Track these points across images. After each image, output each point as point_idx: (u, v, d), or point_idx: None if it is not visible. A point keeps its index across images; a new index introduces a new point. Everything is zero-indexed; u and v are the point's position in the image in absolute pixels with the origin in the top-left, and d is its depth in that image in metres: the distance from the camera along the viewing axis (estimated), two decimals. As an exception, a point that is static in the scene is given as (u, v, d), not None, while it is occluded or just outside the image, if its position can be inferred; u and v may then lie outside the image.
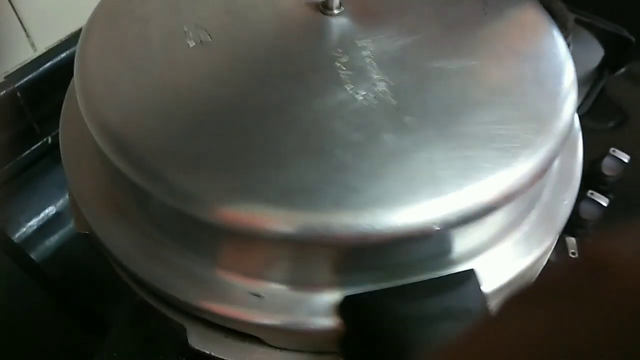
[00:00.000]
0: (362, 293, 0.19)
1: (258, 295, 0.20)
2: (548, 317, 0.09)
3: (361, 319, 0.19)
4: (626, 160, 0.37)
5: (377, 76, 0.22)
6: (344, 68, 0.22)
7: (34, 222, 0.36)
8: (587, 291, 0.09)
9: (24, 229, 0.36)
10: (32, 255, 0.35)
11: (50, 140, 0.36)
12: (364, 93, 0.21)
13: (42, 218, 0.37)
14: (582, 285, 0.10)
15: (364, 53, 0.23)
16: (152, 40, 0.23)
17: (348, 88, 0.22)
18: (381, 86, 0.22)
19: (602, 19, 0.43)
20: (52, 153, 0.37)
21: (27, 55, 0.35)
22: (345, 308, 0.19)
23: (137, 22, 0.24)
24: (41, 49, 0.36)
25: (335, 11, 0.24)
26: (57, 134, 0.25)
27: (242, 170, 0.19)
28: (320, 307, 0.20)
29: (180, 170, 0.19)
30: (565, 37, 0.42)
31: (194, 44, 0.23)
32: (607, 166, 0.36)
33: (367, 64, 0.23)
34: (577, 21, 0.42)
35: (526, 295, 0.10)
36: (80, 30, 0.24)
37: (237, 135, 0.20)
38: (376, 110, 0.21)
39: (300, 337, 0.20)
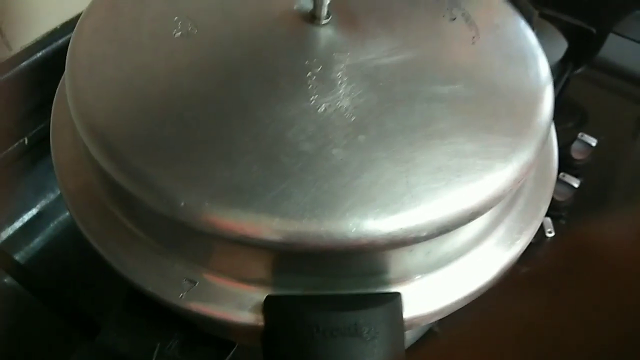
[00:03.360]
0: (284, 295, 0.20)
1: (192, 282, 0.21)
2: (537, 301, 0.10)
3: (275, 320, 0.20)
4: (594, 144, 0.40)
5: (344, 91, 0.23)
6: (315, 78, 0.23)
7: (16, 224, 0.36)
8: (574, 274, 0.10)
9: (6, 231, 0.36)
10: (17, 257, 0.35)
11: (26, 141, 0.35)
12: (327, 105, 0.22)
13: (24, 220, 0.37)
14: (569, 268, 0.10)
15: (339, 67, 0.24)
16: (144, 25, 0.24)
17: (312, 99, 0.22)
18: (345, 102, 0.22)
19: (566, 13, 0.47)
20: (30, 154, 0.36)
21: (2, 54, 0.34)
22: (266, 307, 0.20)
23: (134, 5, 0.25)
24: (16, 48, 0.35)
25: (323, 21, 0.25)
26: (34, 134, 0.26)
27: (193, 163, 0.20)
28: (248, 303, 0.21)
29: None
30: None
31: (180, 34, 0.24)
32: (577, 149, 0.40)
33: (338, 78, 0.23)
34: (542, 15, 0.45)
35: (515, 280, 0.11)
36: (56, 29, 0.25)
37: (194, 132, 0.21)
38: (333, 124, 0.21)
39: (226, 328, 0.22)
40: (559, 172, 0.37)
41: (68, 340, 0.32)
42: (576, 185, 0.38)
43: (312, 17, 0.25)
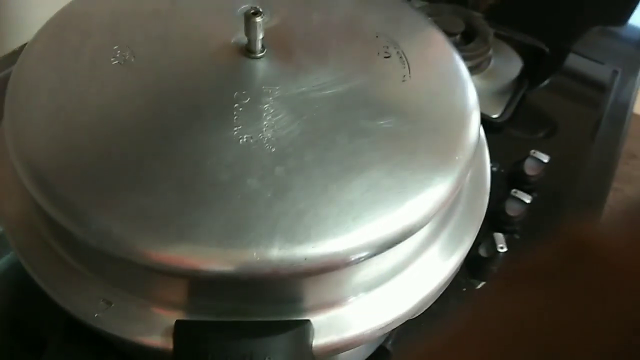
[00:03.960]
0: (191, 320, 0.21)
1: (108, 302, 0.22)
2: (533, 298, 0.10)
3: (179, 345, 0.20)
4: (546, 161, 0.41)
5: (268, 123, 0.23)
6: (241, 109, 0.24)
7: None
8: (570, 272, 0.10)
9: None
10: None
11: None
12: (248, 136, 0.23)
13: None
14: (565, 266, 0.10)
15: (267, 99, 0.24)
16: (84, 53, 0.25)
17: (236, 129, 0.23)
18: (268, 133, 0.23)
19: (520, 32, 0.49)
20: None
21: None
22: (175, 331, 0.21)
23: (78, 34, 0.26)
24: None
25: (258, 55, 0.26)
26: None
27: (110, 190, 0.21)
28: (160, 326, 0.22)
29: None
30: (487, 51, 0.45)
31: (117, 62, 0.25)
32: (529, 166, 0.40)
33: (265, 110, 0.24)
34: (497, 35, 0.47)
35: (512, 277, 0.11)
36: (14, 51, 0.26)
37: (115, 160, 0.22)
38: (252, 155, 0.22)
39: (139, 350, 0.22)
40: (511, 188, 0.40)
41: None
42: (528, 201, 0.39)
43: (247, 51, 0.26)
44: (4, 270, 0.35)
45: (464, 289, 0.37)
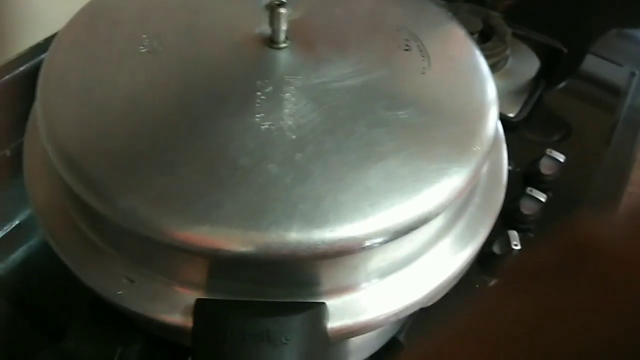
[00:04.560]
0: (211, 299, 0.21)
1: (131, 280, 0.23)
2: (543, 297, 0.10)
3: (199, 322, 0.21)
4: (562, 160, 0.41)
5: (289, 111, 0.24)
6: (264, 98, 0.25)
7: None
8: (574, 271, 0.10)
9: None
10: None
11: (8, 153, 0.36)
12: (270, 123, 0.23)
13: (5, 231, 0.36)
14: (569, 265, 0.10)
15: (289, 88, 0.25)
16: (114, 42, 0.26)
17: (258, 116, 0.24)
18: (288, 121, 0.24)
19: (537, 32, 0.49)
20: (11, 166, 0.35)
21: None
22: (195, 309, 0.21)
23: (108, 24, 0.27)
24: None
25: (281, 45, 0.27)
26: (16, 146, 0.28)
27: (136, 172, 0.22)
28: (180, 304, 0.22)
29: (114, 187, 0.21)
30: (504, 50, 0.45)
31: (146, 50, 0.26)
32: (545, 165, 0.40)
33: (286, 99, 0.25)
34: (515, 35, 0.47)
35: (522, 275, 0.11)
36: (39, 43, 0.26)
37: (142, 144, 0.22)
38: (273, 142, 0.23)
39: (160, 327, 0.23)
40: (526, 186, 0.40)
41: (35, 346, 0.33)
42: (543, 200, 0.39)
43: (270, 41, 0.27)
44: (23, 258, 0.36)
45: (477, 286, 0.38)
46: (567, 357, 0.09)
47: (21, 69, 0.36)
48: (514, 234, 0.37)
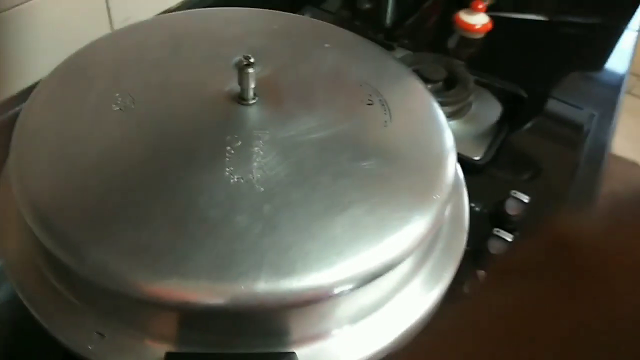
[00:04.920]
0: (180, 353, 0.22)
1: (101, 334, 0.23)
2: (521, 292, 0.10)
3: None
4: (526, 201, 0.42)
5: (258, 164, 0.25)
6: (233, 152, 0.26)
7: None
8: (552, 265, 0.10)
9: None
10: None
11: None
12: (239, 176, 0.24)
13: None
14: (547, 260, 0.10)
15: (257, 142, 0.26)
16: (88, 99, 0.28)
17: (227, 170, 0.25)
18: (257, 174, 0.25)
19: (499, 79, 0.52)
20: None
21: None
22: (165, 363, 0.22)
23: (83, 81, 0.29)
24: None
25: (250, 102, 0.28)
26: None
27: (106, 227, 0.22)
28: (150, 357, 0.22)
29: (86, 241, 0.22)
30: (468, 96, 0.47)
31: (118, 108, 0.27)
32: (510, 206, 0.42)
33: (255, 152, 0.26)
34: (477, 82, 0.49)
35: (499, 273, 0.12)
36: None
37: (112, 199, 0.23)
38: (242, 194, 0.24)
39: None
40: (493, 227, 0.41)
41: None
42: (510, 240, 0.40)
43: (240, 98, 0.28)
44: None
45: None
46: (550, 349, 0.09)
47: (5, 115, 0.37)
48: (482, 274, 0.38)
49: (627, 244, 0.10)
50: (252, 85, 0.27)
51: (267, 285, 0.21)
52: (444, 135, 0.29)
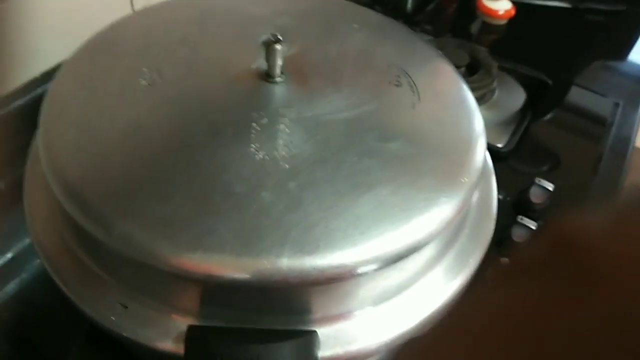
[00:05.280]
0: (202, 326, 0.22)
1: (124, 306, 0.23)
2: (523, 292, 0.10)
3: (190, 349, 0.21)
4: (551, 189, 0.42)
5: (283, 142, 0.25)
6: (258, 129, 0.25)
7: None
8: (555, 267, 0.10)
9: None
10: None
11: (2, 185, 0.37)
12: (264, 153, 0.24)
13: None
14: (550, 261, 0.10)
15: (284, 120, 0.26)
16: (114, 73, 0.27)
17: (253, 146, 0.25)
18: (282, 151, 0.25)
19: (523, 65, 0.51)
20: (5, 198, 0.37)
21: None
22: (187, 336, 0.22)
23: (110, 56, 0.28)
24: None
25: (277, 79, 0.28)
26: (10, 179, 0.28)
27: (132, 199, 0.22)
28: (173, 331, 0.22)
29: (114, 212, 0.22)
30: (491, 83, 0.46)
31: (145, 83, 0.27)
32: (534, 194, 0.42)
33: (281, 130, 0.26)
34: (501, 68, 0.48)
35: (503, 273, 0.12)
36: (35, 78, 0.27)
37: (139, 172, 0.23)
38: (267, 170, 0.24)
39: (152, 354, 0.23)
40: (517, 215, 0.41)
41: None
42: (534, 228, 0.40)
43: (266, 76, 0.28)
44: (14, 293, 0.36)
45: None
46: (553, 349, 0.09)
47: (17, 103, 0.37)
48: (505, 262, 0.38)
49: (638, 244, 0.10)
50: (280, 63, 0.27)
51: (290, 262, 0.21)
52: (474, 119, 0.28)
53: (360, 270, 0.22)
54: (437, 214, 0.24)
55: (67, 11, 0.40)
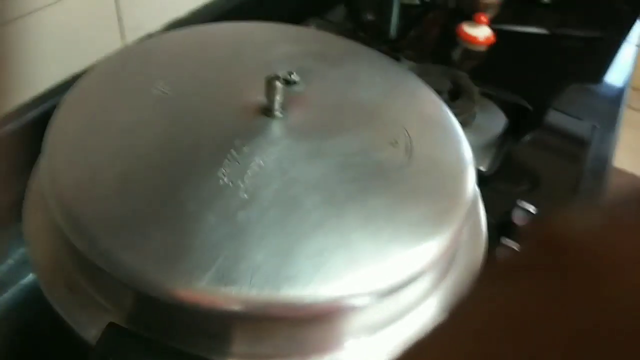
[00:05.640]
0: (122, 327, 0.22)
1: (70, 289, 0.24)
2: (520, 292, 0.10)
3: (101, 341, 0.21)
4: (532, 211, 0.42)
5: (252, 174, 0.25)
6: (236, 156, 0.26)
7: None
8: (549, 266, 0.10)
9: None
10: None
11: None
12: (229, 180, 0.25)
13: None
14: (543, 260, 0.11)
15: (264, 153, 0.26)
16: (126, 83, 0.29)
17: (222, 170, 0.25)
18: (248, 182, 0.25)
19: (503, 91, 0.52)
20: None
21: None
22: (104, 329, 0.22)
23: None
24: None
25: (278, 114, 0.28)
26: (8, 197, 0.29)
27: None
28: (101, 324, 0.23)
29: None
30: (472, 107, 0.47)
31: (156, 92, 0.29)
32: (517, 216, 0.42)
33: (256, 162, 0.26)
34: (483, 93, 0.49)
35: (494, 273, 0.12)
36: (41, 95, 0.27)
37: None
38: (225, 196, 0.24)
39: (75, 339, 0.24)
40: (500, 237, 0.41)
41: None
42: (517, 249, 0.40)
43: (266, 110, 0.28)
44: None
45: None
46: (551, 350, 0.10)
47: (7, 127, 0.37)
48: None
49: (626, 242, 0.10)
50: (279, 99, 0.28)
51: (207, 287, 0.21)
52: (466, 172, 0.29)
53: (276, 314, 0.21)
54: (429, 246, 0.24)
55: (57, 39, 0.41)
